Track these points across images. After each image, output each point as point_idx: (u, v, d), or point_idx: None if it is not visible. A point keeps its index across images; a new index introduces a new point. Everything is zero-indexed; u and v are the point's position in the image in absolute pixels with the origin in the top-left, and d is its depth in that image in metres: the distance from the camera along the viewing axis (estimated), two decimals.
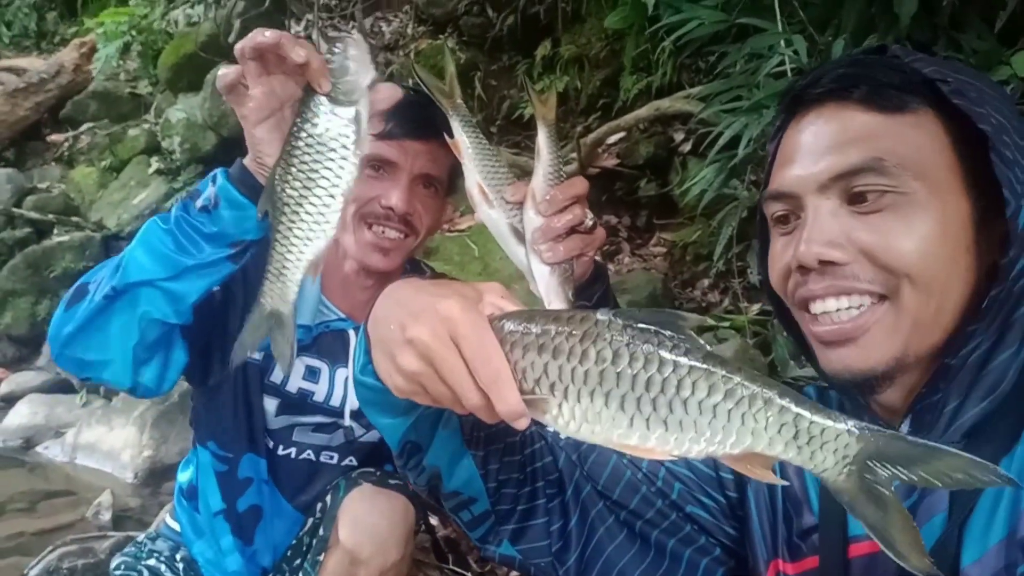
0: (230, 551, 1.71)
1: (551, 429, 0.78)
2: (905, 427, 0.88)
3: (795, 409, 0.70)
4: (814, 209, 0.88)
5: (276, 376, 1.68)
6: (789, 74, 2.69)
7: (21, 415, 4.34)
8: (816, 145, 0.90)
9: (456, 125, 1.26)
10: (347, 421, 1.73)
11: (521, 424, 0.75)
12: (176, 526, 1.82)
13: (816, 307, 0.88)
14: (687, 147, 3.74)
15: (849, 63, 0.93)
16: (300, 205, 0.99)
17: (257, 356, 1.66)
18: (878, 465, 0.70)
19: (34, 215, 5.90)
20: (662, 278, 3.53)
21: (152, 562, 1.77)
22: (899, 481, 0.70)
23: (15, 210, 5.93)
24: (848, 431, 0.70)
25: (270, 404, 1.70)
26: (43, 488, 3.66)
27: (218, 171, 1.23)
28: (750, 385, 0.70)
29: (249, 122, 1.10)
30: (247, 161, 1.18)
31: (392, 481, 1.70)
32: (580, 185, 1.20)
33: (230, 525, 1.71)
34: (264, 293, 1.05)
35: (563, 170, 1.22)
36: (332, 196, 0.98)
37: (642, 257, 3.79)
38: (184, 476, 1.81)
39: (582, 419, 0.73)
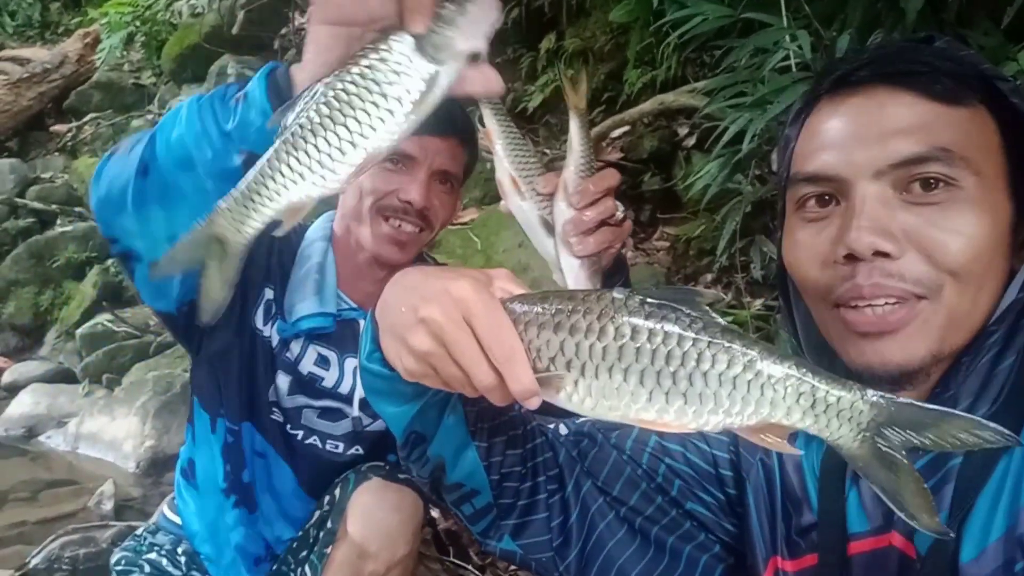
0: (235, 524, 1.71)
1: (565, 410, 0.78)
2: None
3: (812, 379, 0.72)
4: (863, 196, 0.85)
5: (292, 352, 1.68)
6: (794, 69, 2.68)
7: (23, 404, 4.36)
8: (870, 129, 0.86)
9: (488, 113, 1.23)
10: (355, 411, 1.73)
11: (533, 404, 0.75)
12: (176, 519, 1.81)
13: (859, 303, 0.85)
14: (691, 141, 3.73)
15: (901, 49, 0.90)
16: (315, 134, 0.79)
17: (267, 331, 1.66)
18: (891, 431, 0.72)
19: (37, 205, 5.91)
20: (665, 272, 3.53)
21: (153, 556, 1.77)
22: (911, 446, 0.71)
23: (18, 200, 5.95)
24: (863, 399, 0.72)
25: (283, 381, 1.69)
26: (45, 477, 3.68)
27: (268, 65, 1.03)
28: (768, 356, 0.72)
29: (319, 15, 0.87)
30: (296, 68, 0.97)
31: (402, 475, 1.69)
32: (612, 177, 1.18)
33: (234, 497, 1.70)
34: (219, 210, 0.84)
35: (594, 161, 1.20)
36: (354, 144, 0.79)
37: (645, 251, 3.79)
38: (184, 453, 1.81)
39: (599, 396, 0.74)
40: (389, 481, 1.67)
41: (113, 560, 1.80)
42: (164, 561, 1.76)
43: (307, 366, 1.70)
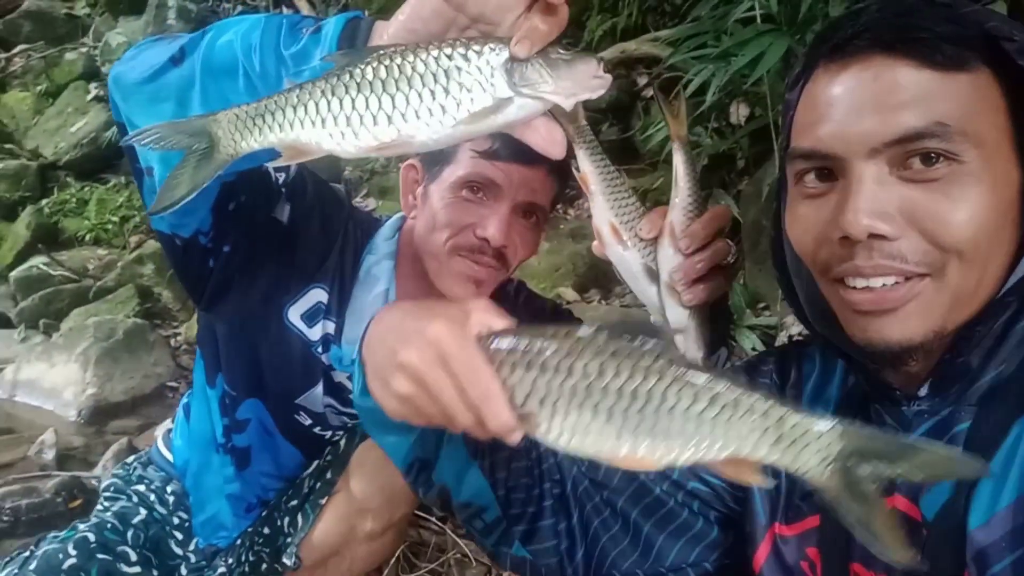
0: (229, 479, 1.65)
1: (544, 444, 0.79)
2: (924, 391, 0.86)
3: (777, 412, 0.72)
4: (859, 175, 0.81)
5: (326, 358, 1.58)
6: (759, 20, 2.65)
7: None
8: (863, 103, 0.82)
9: (583, 155, 1.13)
10: None
11: (513, 439, 0.77)
12: (169, 456, 1.75)
13: (858, 281, 0.83)
14: (650, 92, 3.71)
15: (899, 11, 0.85)
16: (360, 89, 0.75)
17: (306, 331, 1.54)
18: (860, 462, 0.70)
19: None
20: None
21: (142, 488, 1.72)
22: (882, 477, 0.70)
23: None
24: (831, 430, 0.71)
25: (320, 388, 1.59)
26: None
27: (352, 13, 0.96)
28: (732, 391, 0.72)
29: None
30: (381, 24, 0.90)
31: None
32: (724, 216, 1.09)
33: (230, 456, 1.64)
34: (228, 113, 0.81)
35: (702, 198, 1.10)
36: (390, 120, 0.75)
37: None
38: (186, 398, 1.77)
39: (572, 433, 0.75)
40: None
41: (102, 485, 1.77)
42: (152, 496, 1.71)
43: (339, 376, 1.60)
